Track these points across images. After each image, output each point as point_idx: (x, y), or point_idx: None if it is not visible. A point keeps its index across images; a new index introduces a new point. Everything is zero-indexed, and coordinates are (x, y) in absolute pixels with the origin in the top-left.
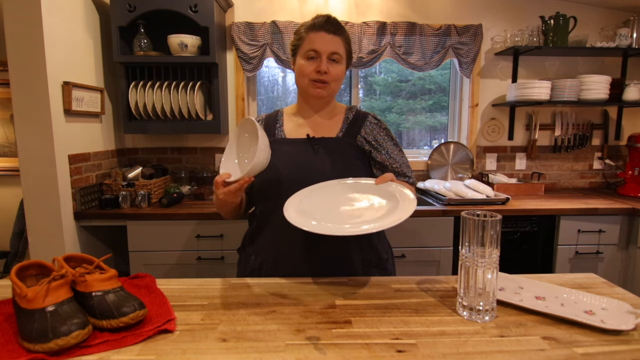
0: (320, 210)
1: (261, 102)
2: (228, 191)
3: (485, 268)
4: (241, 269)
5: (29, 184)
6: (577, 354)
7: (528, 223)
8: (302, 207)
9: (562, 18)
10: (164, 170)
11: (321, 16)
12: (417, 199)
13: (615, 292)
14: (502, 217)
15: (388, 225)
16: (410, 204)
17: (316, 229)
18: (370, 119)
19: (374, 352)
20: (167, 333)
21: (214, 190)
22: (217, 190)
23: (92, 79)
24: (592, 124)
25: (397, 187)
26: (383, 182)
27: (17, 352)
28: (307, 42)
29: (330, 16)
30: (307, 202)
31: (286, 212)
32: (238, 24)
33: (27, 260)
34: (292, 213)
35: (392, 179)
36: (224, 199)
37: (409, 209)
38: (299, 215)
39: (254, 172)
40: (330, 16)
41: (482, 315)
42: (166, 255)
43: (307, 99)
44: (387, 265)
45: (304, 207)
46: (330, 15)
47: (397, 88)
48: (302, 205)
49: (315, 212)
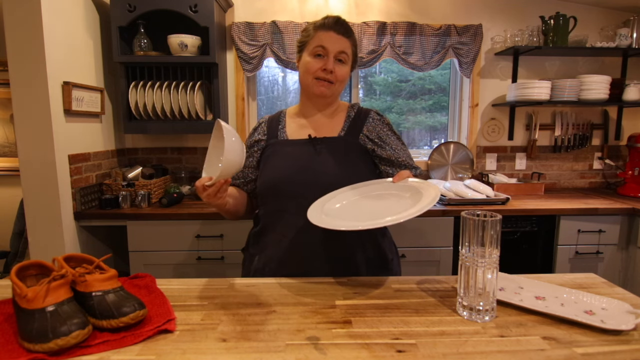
0: (348, 212)
1: (261, 102)
2: (208, 195)
3: (485, 268)
4: (245, 269)
5: (29, 184)
6: (577, 354)
7: (528, 223)
8: (327, 210)
9: (562, 18)
10: (164, 170)
11: (332, 17)
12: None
13: (615, 292)
14: (502, 217)
15: (424, 208)
16: (433, 190)
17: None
18: (373, 115)
19: (374, 352)
20: (167, 333)
21: None
22: (200, 195)
23: (92, 79)
24: (592, 124)
25: (414, 180)
26: (401, 180)
27: (17, 352)
28: (316, 39)
29: (341, 18)
30: (330, 206)
31: (315, 219)
32: (238, 24)
33: (27, 260)
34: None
35: (408, 175)
36: (207, 202)
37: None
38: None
39: (227, 173)
40: (341, 18)
41: (482, 315)
42: (166, 255)
43: (310, 97)
44: (392, 266)
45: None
46: (341, 17)
47: (397, 88)
48: (327, 209)
49: (343, 215)
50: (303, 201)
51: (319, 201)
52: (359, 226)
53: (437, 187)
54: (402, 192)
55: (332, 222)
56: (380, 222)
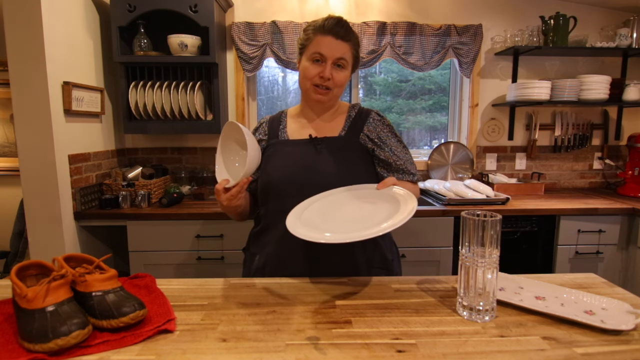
0: (325, 219)
1: (261, 102)
2: (231, 196)
3: (485, 268)
4: (246, 268)
5: (29, 184)
6: (577, 353)
7: (528, 223)
8: (306, 218)
9: (562, 18)
10: (164, 170)
11: (332, 18)
12: (419, 198)
13: (615, 292)
14: (502, 217)
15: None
16: (411, 204)
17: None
18: (374, 116)
19: (373, 352)
20: (167, 333)
21: (217, 199)
22: (219, 198)
23: (92, 79)
24: (592, 124)
25: (397, 189)
26: (385, 187)
27: (17, 352)
28: (314, 44)
29: (342, 19)
30: (310, 213)
31: (292, 227)
32: (238, 24)
33: (27, 260)
34: (299, 228)
35: (393, 182)
36: (228, 205)
37: (409, 211)
38: (307, 228)
39: (250, 170)
40: (342, 19)
41: (482, 315)
42: (166, 255)
43: (309, 102)
44: (392, 267)
45: (307, 218)
46: (342, 19)
47: (397, 88)
48: (305, 216)
49: (320, 222)
50: (303, 200)
51: (299, 206)
52: (321, 239)
53: (415, 201)
54: (380, 202)
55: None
56: (344, 238)
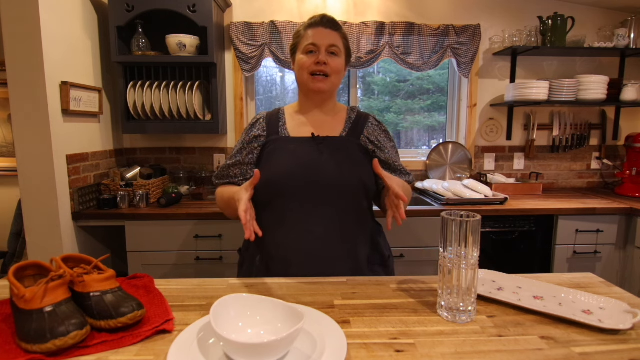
0: None
1: (259, 102)
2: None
3: (466, 269)
4: (245, 270)
5: (26, 184)
6: (575, 353)
7: (526, 223)
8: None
9: (560, 18)
10: (162, 171)
11: (317, 15)
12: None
13: (613, 292)
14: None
15: None
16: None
17: None
18: (372, 121)
19: (372, 351)
20: (166, 333)
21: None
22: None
23: (90, 79)
24: (590, 124)
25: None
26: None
27: (14, 353)
28: (306, 38)
29: (326, 15)
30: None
31: None
32: (236, 24)
33: (25, 261)
34: None
35: (397, 182)
36: None
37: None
38: None
39: None
40: (326, 15)
41: (461, 315)
42: (165, 255)
43: (308, 95)
44: (390, 263)
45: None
46: (326, 14)
47: (396, 88)
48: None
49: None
50: (305, 199)
51: None
52: None
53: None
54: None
55: None
56: None
